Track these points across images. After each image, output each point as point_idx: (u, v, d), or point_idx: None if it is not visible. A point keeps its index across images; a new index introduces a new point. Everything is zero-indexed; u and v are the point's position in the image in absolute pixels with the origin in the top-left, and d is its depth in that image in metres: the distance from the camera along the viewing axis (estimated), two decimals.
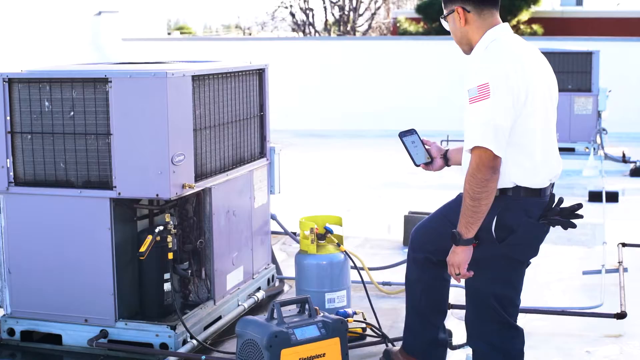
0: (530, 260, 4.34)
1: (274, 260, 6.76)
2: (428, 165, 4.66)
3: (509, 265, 4.23)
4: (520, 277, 4.33)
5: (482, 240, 4.11)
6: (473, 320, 4.33)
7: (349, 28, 37.76)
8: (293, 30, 40.06)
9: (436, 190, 11.97)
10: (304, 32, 38.44)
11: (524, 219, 4.13)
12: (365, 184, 12.90)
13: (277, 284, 6.61)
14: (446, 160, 4.68)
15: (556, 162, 4.23)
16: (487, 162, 3.96)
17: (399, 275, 6.97)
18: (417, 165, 4.66)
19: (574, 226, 4.20)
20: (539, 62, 4.20)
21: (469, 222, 4.04)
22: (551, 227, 4.26)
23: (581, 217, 4.22)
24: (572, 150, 14.59)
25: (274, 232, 7.28)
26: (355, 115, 19.81)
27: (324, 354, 4.62)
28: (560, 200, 4.19)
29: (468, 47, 4.31)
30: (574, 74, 14.61)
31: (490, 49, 4.12)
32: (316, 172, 14.07)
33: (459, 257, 4.11)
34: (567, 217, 4.19)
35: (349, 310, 5.36)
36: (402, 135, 4.64)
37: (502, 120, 3.95)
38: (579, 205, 4.23)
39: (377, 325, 5.33)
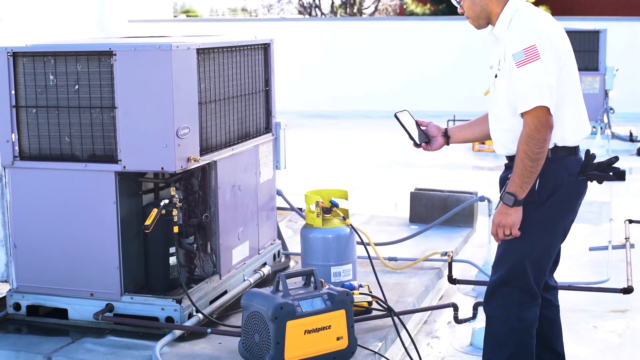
0: (568, 233, 4.39)
1: (279, 236, 6.75)
2: (427, 144, 4.66)
3: (549, 229, 4.26)
4: (556, 246, 4.38)
5: (525, 204, 4.15)
6: (498, 285, 4.34)
7: (355, 10, 37.64)
8: (299, 12, 39.93)
9: (442, 170, 11.99)
10: (310, 14, 38.33)
11: (565, 178, 4.20)
12: (371, 163, 12.90)
13: (283, 259, 6.59)
14: (447, 138, 4.68)
15: (587, 121, 4.32)
16: (545, 122, 4.03)
17: (405, 251, 6.97)
18: (418, 145, 4.63)
19: (611, 179, 4.29)
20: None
21: (525, 182, 4.09)
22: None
23: (618, 169, 4.31)
24: None
25: (279, 208, 7.25)
26: (362, 96, 19.79)
27: (330, 326, 4.62)
28: (593, 156, 4.27)
29: (485, 22, 4.34)
30: (581, 53, 14.52)
31: (521, 16, 4.17)
32: (322, 152, 14.07)
33: (513, 217, 4.16)
34: (605, 170, 4.26)
35: (355, 283, 5.34)
36: (398, 115, 4.61)
37: (552, 80, 4.06)
38: (616, 158, 4.32)
39: (382, 299, 5.31)
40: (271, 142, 6.32)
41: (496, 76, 4.25)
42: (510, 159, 4.31)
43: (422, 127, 4.66)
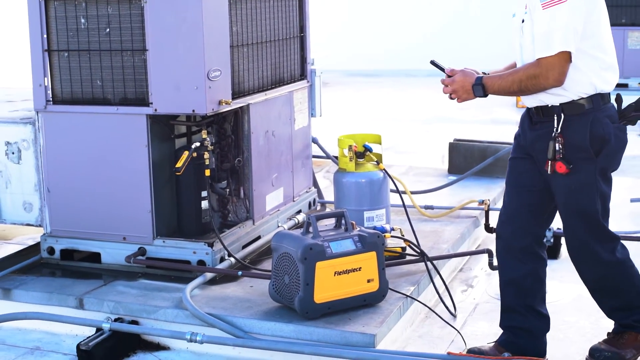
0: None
1: (315, 184, 6.70)
2: None
3: (605, 179, 4.19)
4: (611, 190, 4.28)
5: (580, 162, 4.06)
6: (582, 246, 4.28)
7: None
8: None
9: (485, 125, 11.85)
10: None
11: (611, 126, 4.09)
12: (413, 118, 12.79)
13: (318, 207, 6.55)
14: None
15: (617, 67, 4.20)
16: (560, 72, 3.94)
17: (443, 200, 6.90)
18: None
19: None
20: None
21: (499, 91, 4.10)
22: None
23: None
24: (625, 86, 14.22)
25: (315, 157, 7.20)
26: (405, 54, 19.58)
27: (360, 268, 4.57)
28: (621, 98, 4.19)
29: None
30: (628, 8, 14.23)
31: None
32: (363, 109, 13.96)
33: (469, 98, 4.19)
34: None
35: (387, 226, 5.28)
36: (434, 62, 4.43)
37: (578, 24, 3.92)
38: None
39: (415, 243, 5.26)
40: (306, 89, 6.27)
41: (523, 21, 4.13)
42: (542, 112, 4.14)
43: None
